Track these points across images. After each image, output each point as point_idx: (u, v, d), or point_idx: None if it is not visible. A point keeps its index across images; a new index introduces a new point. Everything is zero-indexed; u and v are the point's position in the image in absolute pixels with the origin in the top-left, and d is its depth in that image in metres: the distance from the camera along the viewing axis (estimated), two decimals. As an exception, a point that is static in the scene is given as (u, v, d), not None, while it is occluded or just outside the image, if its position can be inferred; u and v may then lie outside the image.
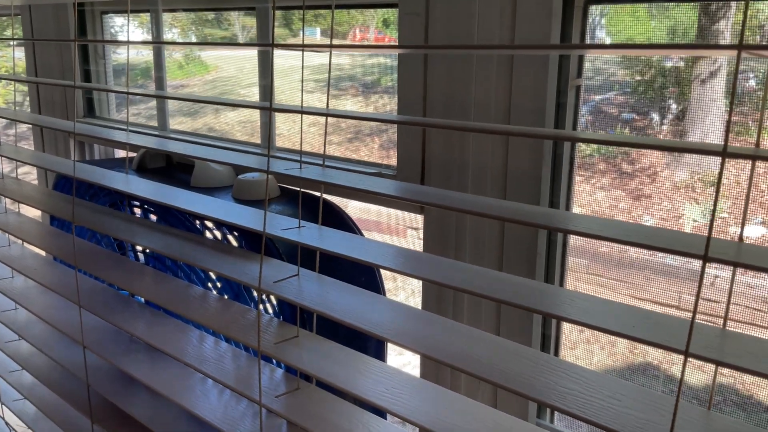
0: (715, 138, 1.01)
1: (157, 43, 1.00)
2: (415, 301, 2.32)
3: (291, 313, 0.80)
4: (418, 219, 0.80)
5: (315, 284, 0.71)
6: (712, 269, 1.01)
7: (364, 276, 0.85)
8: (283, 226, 0.72)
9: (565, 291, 0.57)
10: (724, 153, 0.43)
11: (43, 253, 1.10)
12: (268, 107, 0.67)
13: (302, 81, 0.67)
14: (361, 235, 0.89)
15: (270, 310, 0.81)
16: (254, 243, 0.81)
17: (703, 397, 0.99)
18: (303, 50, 0.66)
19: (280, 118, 1.79)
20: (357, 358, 0.70)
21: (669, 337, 0.47)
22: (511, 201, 0.72)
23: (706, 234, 0.45)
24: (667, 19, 0.79)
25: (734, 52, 0.44)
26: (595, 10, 0.74)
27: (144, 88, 2.22)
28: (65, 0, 1.03)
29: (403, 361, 2.21)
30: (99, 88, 0.82)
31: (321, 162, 0.85)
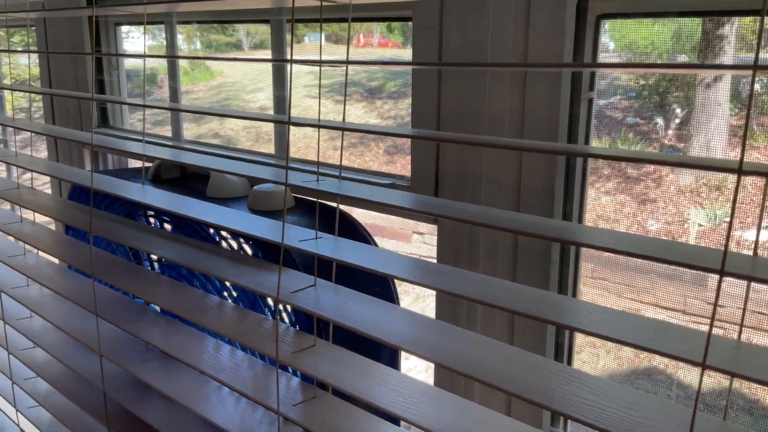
0: (720, 142, 1.01)
1: (175, 57, 1.01)
2: (421, 306, 2.33)
3: (306, 321, 0.81)
4: (423, 224, 0.81)
5: (332, 294, 0.72)
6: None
7: (378, 285, 0.86)
8: (300, 237, 0.73)
9: (581, 302, 0.58)
10: (740, 171, 0.44)
11: (57, 261, 1.11)
12: (286, 121, 0.68)
13: (319, 96, 0.68)
14: (375, 243, 0.90)
15: (286, 319, 0.82)
16: (271, 253, 0.82)
17: (710, 401, 1.00)
18: (321, 65, 0.68)
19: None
20: (373, 367, 0.70)
21: (685, 349, 0.48)
22: (525, 212, 0.74)
23: (715, 242, 0.46)
24: (671, 22, 0.80)
25: (749, 72, 0.45)
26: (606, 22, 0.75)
27: (151, 94, 2.22)
28: (80, 14, 1.04)
29: (409, 365, 2.22)
30: (115, 101, 0.83)
31: (337, 173, 0.86)
